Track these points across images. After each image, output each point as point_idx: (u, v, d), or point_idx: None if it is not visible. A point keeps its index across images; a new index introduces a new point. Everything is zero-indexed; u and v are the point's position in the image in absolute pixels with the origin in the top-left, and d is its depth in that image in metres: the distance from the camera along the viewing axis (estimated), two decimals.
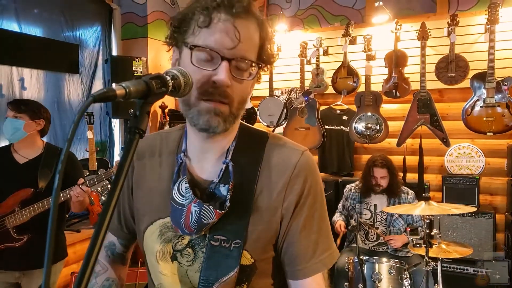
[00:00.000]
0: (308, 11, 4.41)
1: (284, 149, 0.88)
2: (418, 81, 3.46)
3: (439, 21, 3.58)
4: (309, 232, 0.86)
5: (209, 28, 0.76)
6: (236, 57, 0.76)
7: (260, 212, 0.84)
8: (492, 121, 3.22)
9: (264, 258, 0.86)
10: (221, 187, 0.84)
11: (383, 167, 3.02)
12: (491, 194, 3.53)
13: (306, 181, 0.85)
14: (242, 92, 0.80)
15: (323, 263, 0.87)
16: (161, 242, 0.89)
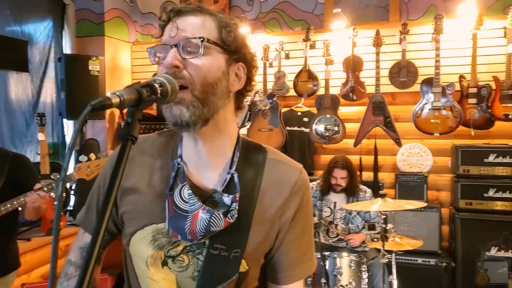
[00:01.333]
0: (270, 15, 4.54)
1: (284, 165, 0.95)
2: (373, 85, 3.69)
3: (392, 28, 3.82)
4: (300, 244, 0.95)
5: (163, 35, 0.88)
6: (179, 41, 0.83)
7: (259, 224, 0.89)
8: (439, 123, 3.51)
9: (256, 265, 0.93)
10: (224, 196, 0.87)
11: (343, 168, 3.21)
12: (437, 190, 3.85)
13: (302, 198, 0.93)
14: (202, 72, 0.82)
15: (306, 271, 0.97)
16: (154, 248, 0.89)
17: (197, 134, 0.87)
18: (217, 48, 0.85)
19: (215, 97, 0.84)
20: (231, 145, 0.92)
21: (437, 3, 3.96)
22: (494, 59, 3.56)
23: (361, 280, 2.64)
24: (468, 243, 3.40)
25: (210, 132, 0.88)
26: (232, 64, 0.88)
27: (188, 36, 0.83)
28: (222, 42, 0.86)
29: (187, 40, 0.83)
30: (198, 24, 0.85)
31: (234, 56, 0.88)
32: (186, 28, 0.84)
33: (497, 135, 3.59)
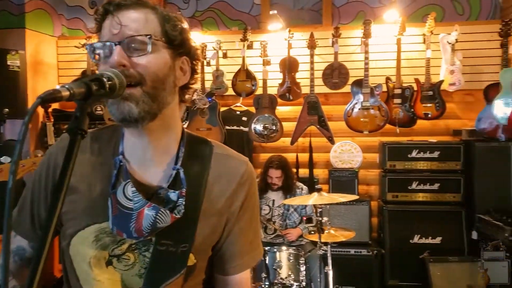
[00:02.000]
0: (206, 13, 4.53)
1: (230, 159, 0.97)
2: (308, 85, 3.84)
3: (325, 32, 4.01)
4: (247, 233, 0.98)
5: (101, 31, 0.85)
6: (124, 38, 0.81)
7: (207, 218, 0.90)
8: (368, 122, 3.75)
9: (204, 258, 0.95)
10: (170, 193, 0.86)
11: (278, 168, 3.31)
12: (367, 184, 4.11)
13: (249, 189, 0.96)
14: (151, 69, 0.81)
15: (254, 259, 1.01)
16: (97, 248, 0.87)
17: (143, 129, 0.86)
18: (163, 43, 0.84)
19: (165, 92, 0.85)
20: (176, 140, 0.92)
21: (366, 9, 4.22)
22: (416, 63, 3.88)
23: (299, 272, 2.75)
24: (395, 233, 3.67)
25: (156, 128, 0.87)
26: (177, 59, 0.88)
27: (133, 33, 0.81)
28: (167, 37, 0.85)
29: (133, 38, 0.81)
30: (141, 20, 0.83)
31: (179, 51, 0.88)
32: (129, 24, 0.82)
33: (419, 132, 3.93)
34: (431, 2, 4.12)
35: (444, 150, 3.70)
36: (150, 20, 0.84)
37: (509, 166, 3.60)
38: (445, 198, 3.67)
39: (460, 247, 3.60)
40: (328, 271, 2.72)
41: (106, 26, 0.84)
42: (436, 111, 3.68)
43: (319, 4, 4.28)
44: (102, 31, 0.84)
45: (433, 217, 3.65)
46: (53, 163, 0.93)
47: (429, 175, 3.70)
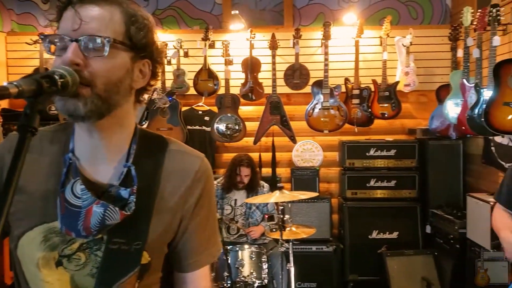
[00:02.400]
0: (167, 12, 4.47)
1: (185, 155, 0.95)
2: (270, 86, 3.89)
3: (286, 33, 4.07)
4: (204, 229, 0.97)
5: (60, 22, 0.82)
6: (82, 36, 0.78)
7: (161, 215, 0.89)
8: (328, 121, 3.84)
9: (159, 256, 0.94)
10: (121, 190, 0.85)
11: (248, 166, 3.33)
12: (328, 182, 4.21)
13: (205, 185, 0.94)
14: (105, 72, 0.79)
15: (212, 255, 1.00)
16: (45, 249, 0.85)
17: (94, 127, 0.85)
18: (123, 47, 0.82)
19: (118, 96, 0.83)
20: (129, 138, 0.91)
21: (326, 11, 4.32)
22: (373, 64, 4.02)
23: (261, 270, 2.78)
24: (354, 229, 3.79)
25: (108, 126, 0.86)
26: (137, 61, 0.86)
27: (93, 33, 0.79)
28: (130, 40, 0.83)
29: (92, 37, 0.78)
30: (105, 19, 0.80)
31: (141, 54, 0.86)
32: (91, 22, 0.79)
33: (376, 131, 4.08)
34: (387, 6, 4.28)
35: (400, 148, 3.86)
36: (114, 20, 0.82)
37: (460, 163, 3.82)
38: (401, 194, 3.83)
39: (415, 241, 3.77)
40: (290, 268, 2.76)
41: (66, 18, 0.80)
42: (392, 111, 3.83)
43: (281, 5, 4.34)
44: (62, 22, 0.81)
45: (390, 213, 3.80)
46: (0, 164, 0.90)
47: (386, 173, 3.84)
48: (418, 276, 3.47)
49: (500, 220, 2.07)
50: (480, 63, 3.14)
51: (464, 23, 3.36)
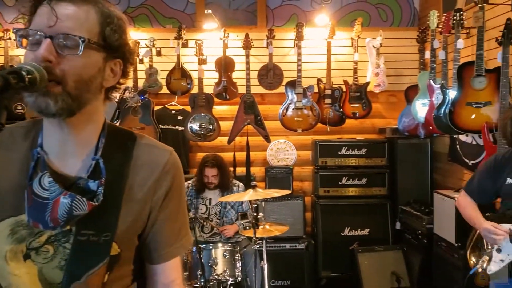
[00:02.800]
0: (139, 10, 4.42)
1: (154, 148, 0.97)
2: (244, 85, 3.92)
3: (259, 33, 4.10)
4: (174, 221, 0.99)
5: (34, 17, 0.82)
6: (57, 34, 0.79)
7: (130, 206, 0.91)
8: (301, 121, 3.90)
9: (129, 248, 0.94)
10: (90, 182, 0.87)
11: (213, 167, 3.32)
12: (301, 181, 4.27)
13: (173, 178, 0.96)
14: (77, 70, 0.81)
15: (183, 247, 1.02)
16: (12, 242, 0.86)
17: (64, 123, 0.86)
18: (97, 47, 0.84)
19: (88, 94, 0.85)
20: (97, 132, 0.92)
21: (299, 12, 4.38)
22: (345, 65, 4.10)
23: (235, 268, 2.80)
24: (327, 226, 3.87)
25: (77, 121, 0.87)
26: (109, 61, 0.88)
27: (68, 31, 0.80)
28: (104, 40, 0.85)
29: (67, 36, 0.80)
30: (80, 18, 0.82)
31: (114, 54, 0.88)
32: (66, 20, 0.80)
33: (348, 131, 4.17)
34: (358, 8, 4.38)
35: (370, 147, 3.96)
36: (89, 20, 0.83)
37: (427, 161, 3.95)
38: (372, 192, 3.94)
39: (385, 237, 3.88)
40: (264, 266, 2.79)
41: (41, 14, 0.81)
42: (363, 110, 3.92)
43: (254, 5, 4.37)
44: (36, 17, 0.82)
45: (362, 210, 3.89)
46: None
47: (357, 171, 3.94)
48: (388, 271, 3.57)
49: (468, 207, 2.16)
50: (445, 65, 3.27)
51: (430, 26, 3.48)
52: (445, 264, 3.16)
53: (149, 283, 1.02)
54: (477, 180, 2.19)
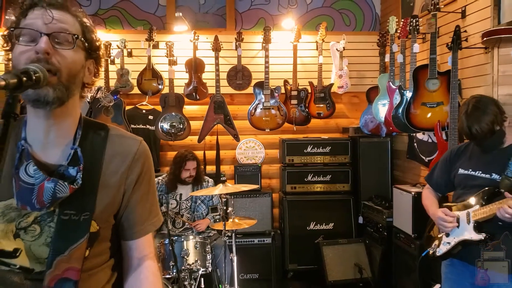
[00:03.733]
0: (110, 12, 4.47)
1: (125, 138, 1.11)
2: (214, 86, 4.03)
3: (229, 35, 4.23)
4: (145, 202, 1.12)
5: (26, 17, 0.95)
6: (53, 31, 0.94)
7: (106, 189, 1.03)
8: (269, 120, 4.06)
9: (107, 226, 1.07)
10: (70, 169, 0.99)
11: (194, 159, 3.43)
12: (269, 178, 4.43)
13: (144, 164, 1.10)
14: (69, 64, 0.95)
15: (154, 225, 1.15)
16: (3, 222, 0.96)
17: (50, 113, 0.97)
18: (82, 46, 1.00)
19: (74, 85, 0.99)
20: (75, 125, 1.05)
21: (266, 16, 4.55)
22: (310, 67, 4.30)
23: (205, 260, 2.91)
24: (294, 221, 4.03)
25: (60, 113, 0.99)
26: (87, 60, 1.04)
27: (62, 30, 0.95)
28: (86, 41, 1.01)
29: (64, 33, 0.95)
30: (69, 21, 0.97)
31: (91, 55, 1.04)
32: (59, 22, 0.95)
33: (313, 130, 4.36)
34: (323, 13, 4.60)
35: (334, 145, 4.16)
36: (75, 24, 0.99)
37: (388, 158, 4.19)
38: (336, 188, 4.13)
39: (349, 231, 4.08)
40: (233, 258, 2.91)
41: (36, 16, 0.94)
42: (327, 111, 4.12)
43: (223, 9, 4.50)
44: (29, 19, 0.94)
45: (326, 205, 4.08)
46: None
47: (322, 168, 4.13)
48: (351, 263, 3.77)
49: (427, 198, 2.34)
50: (403, 68, 3.49)
51: (390, 31, 3.72)
52: (403, 254, 3.37)
53: (125, 259, 1.14)
54: (435, 171, 2.35)
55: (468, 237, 2.04)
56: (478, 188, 2.04)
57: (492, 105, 2.00)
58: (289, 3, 4.55)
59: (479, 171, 2.07)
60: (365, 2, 4.64)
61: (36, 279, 0.96)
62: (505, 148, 2.03)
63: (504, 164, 1.97)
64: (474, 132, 1.98)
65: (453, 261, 2.15)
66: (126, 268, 1.13)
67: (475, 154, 2.13)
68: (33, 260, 0.98)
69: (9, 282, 0.97)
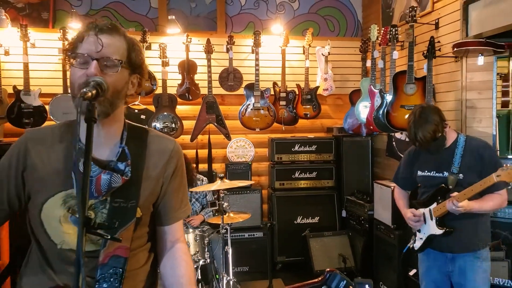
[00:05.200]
0: (101, 13, 4.55)
1: (163, 138, 1.30)
2: (206, 87, 4.21)
3: (220, 38, 4.42)
4: (178, 193, 1.33)
5: (82, 43, 1.13)
6: (102, 57, 1.09)
7: (148, 181, 1.22)
8: (259, 120, 4.27)
9: (147, 213, 1.27)
10: (119, 164, 1.16)
11: None
12: (259, 175, 4.65)
13: (178, 160, 1.31)
14: (114, 83, 1.10)
15: (185, 213, 1.37)
16: (65, 208, 1.14)
17: (99, 122, 1.13)
18: (127, 65, 1.16)
19: (118, 100, 1.16)
20: (121, 128, 1.23)
21: (255, 20, 4.75)
22: (297, 71, 4.53)
23: (204, 251, 3.12)
24: (282, 216, 4.27)
25: (107, 122, 1.18)
26: (132, 75, 1.19)
27: (109, 55, 1.11)
28: (130, 62, 1.16)
29: (109, 59, 1.11)
30: (116, 46, 1.13)
31: (135, 71, 1.19)
32: (108, 47, 1.11)
33: (300, 129, 4.61)
34: (309, 19, 4.84)
35: (320, 144, 4.42)
36: (121, 47, 1.15)
37: (369, 156, 4.48)
38: (321, 184, 4.40)
39: (333, 224, 4.36)
40: (228, 250, 3.13)
41: (89, 42, 1.12)
42: (313, 111, 4.37)
43: (214, 12, 4.68)
44: (84, 44, 1.12)
45: (312, 201, 4.35)
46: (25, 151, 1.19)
47: (308, 165, 4.39)
48: (335, 253, 4.05)
49: (399, 199, 2.61)
50: (384, 72, 3.77)
51: (371, 38, 3.99)
52: (383, 244, 3.66)
53: (160, 242, 1.35)
54: (399, 173, 2.62)
55: (433, 232, 2.32)
56: (436, 187, 2.30)
57: (435, 115, 2.23)
58: (277, 9, 4.77)
59: (433, 171, 2.34)
60: (348, 10, 4.91)
61: (91, 256, 1.15)
62: (448, 148, 2.30)
63: (451, 162, 2.25)
64: (419, 139, 2.22)
65: (428, 249, 2.42)
66: (161, 250, 1.34)
67: (427, 156, 2.38)
68: (89, 241, 1.16)
69: (71, 260, 1.15)
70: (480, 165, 2.21)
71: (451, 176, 2.24)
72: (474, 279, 2.25)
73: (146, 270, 1.29)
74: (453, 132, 2.35)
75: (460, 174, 2.23)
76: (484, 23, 2.94)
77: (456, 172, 2.24)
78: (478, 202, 2.16)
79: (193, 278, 1.32)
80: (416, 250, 2.44)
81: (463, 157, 2.25)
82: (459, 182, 2.22)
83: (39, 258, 1.20)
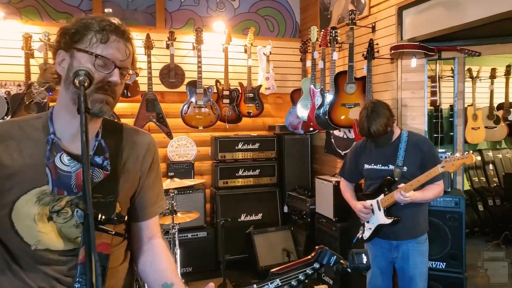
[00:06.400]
0: (26, 1, 4.19)
1: (138, 131, 1.28)
2: (146, 83, 4.06)
3: (160, 34, 4.29)
4: (154, 187, 1.29)
5: (106, 44, 1.07)
6: (124, 67, 1.11)
7: (125, 175, 1.19)
8: (202, 118, 4.22)
9: (125, 208, 1.22)
10: (96, 158, 1.12)
11: None
12: (201, 175, 4.59)
13: (154, 154, 1.29)
14: (120, 89, 1.13)
15: (161, 207, 1.33)
16: (40, 206, 1.07)
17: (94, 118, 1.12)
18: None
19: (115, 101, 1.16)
20: (99, 122, 1.18)
21: (195, 17, 4.68)
22: (240, 69, 4.55)
23: None
24: (226, 214, 4.23)
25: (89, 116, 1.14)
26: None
27: (128, 67, 1.13)
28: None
29: (127, 70, 1.12)
30: (131, 55, 1.13)
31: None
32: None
33: (243, 128, 4.64)
34: (249, 18, 4.88)
35: (262, 142, 4.49)
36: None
37: (308, 153, 4.65)
38: (264, 181, 4.47)
39: (276, 220, 4.45)
40: (176, 250, 3.05)
41: (113, 47, 1.08)
42: (256, 110, 4.43)
43: (153, 7, 4.52)
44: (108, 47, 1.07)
45: (255, 198, 4.40)
46: None
47: (251, 163, 4.43)
48: (279, 248, 4.14)
49: (346, 191, 2.74)
50: (324, 73, 3.94)
51: (311, 39, 4.14)
52: (326, 237, 3.82)
53: (135, 239, 1.29)
54: (346, 166, 2.77)
55: (382, 221, 2.48)
56: (382, 179, 2.47)
57: (386, 109, 2.40)
58: (217, 6, 4.74)
59: (379, 164, 2.51)
60: (286, 11, 5.04)
61: (70, 255, 1.09)
62: (393, 142, 2.48)
63: (396, 156, 2.44)
64: (372, 132, 2.37)
65: (375, 239, 2.58)
66: (137, 248, 1.29)
67: (373, 149, 2.55)
68: (65, 240, 1.10)
69: (46, 260, 1.08)
70: (420, 158, 2.41)
71: (397, 169, 2.41)
72: (415, 262, 2.45)
73: (125, 267, 1.25)
74: (397, 128, 2.53)
75: (404, 167, 2.41)
76: (417, 28, 3.20)
77: (400, 165, 2.41)
78: (421, 192, 2.35)
79: (176, 271, 1.28)
80: (365, 240, 2.58)
81: (406, 151, 2.43)
82: (403, 174, 2.40)
83: (4, 258, 1.11)
